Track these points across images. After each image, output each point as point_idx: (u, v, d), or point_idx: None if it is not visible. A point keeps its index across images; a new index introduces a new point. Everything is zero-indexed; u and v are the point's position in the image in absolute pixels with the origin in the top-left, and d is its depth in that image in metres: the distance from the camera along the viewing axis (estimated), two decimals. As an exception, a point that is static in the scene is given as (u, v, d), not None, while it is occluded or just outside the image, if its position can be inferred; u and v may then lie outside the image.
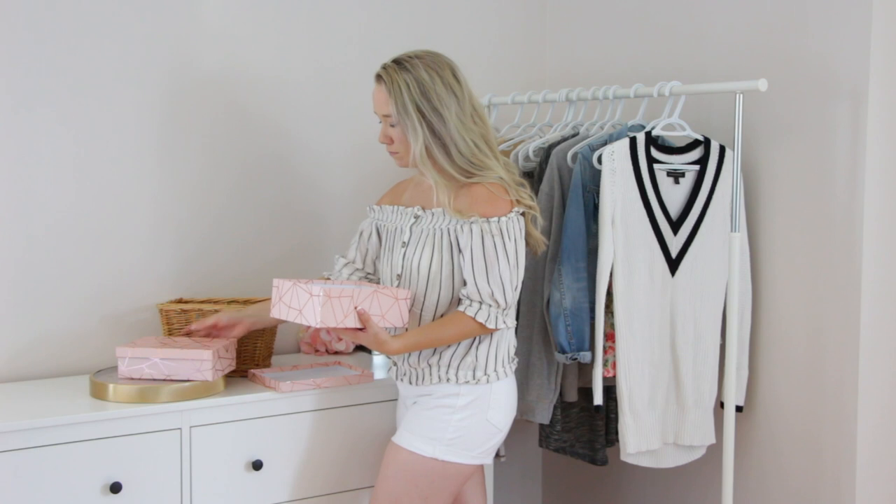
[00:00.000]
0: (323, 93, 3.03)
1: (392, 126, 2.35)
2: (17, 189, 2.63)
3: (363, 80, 3.07)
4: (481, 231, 2.28)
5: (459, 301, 2.34)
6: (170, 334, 2.67)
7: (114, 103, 2.74)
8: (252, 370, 2.63)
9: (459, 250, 2.32)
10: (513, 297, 2.32)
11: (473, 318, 2.29)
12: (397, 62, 2.34)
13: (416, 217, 2.41)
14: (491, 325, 2.30)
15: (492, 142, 2.38)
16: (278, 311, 2.30)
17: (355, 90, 3.04)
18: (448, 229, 2.33)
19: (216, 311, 2.65)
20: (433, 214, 2.38)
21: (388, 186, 3.11)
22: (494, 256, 2.28)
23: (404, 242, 2.40)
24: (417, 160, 2.33)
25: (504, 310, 2.31)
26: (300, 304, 2.24)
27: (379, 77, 2.36)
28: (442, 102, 2.30)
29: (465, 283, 2.32)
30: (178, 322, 2.66)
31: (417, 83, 2.30)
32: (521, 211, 2.33)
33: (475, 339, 2.35)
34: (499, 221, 2.28)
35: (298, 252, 3.00)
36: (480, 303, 2.30)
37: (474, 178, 2.31)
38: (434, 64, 2.33)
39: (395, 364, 2.47)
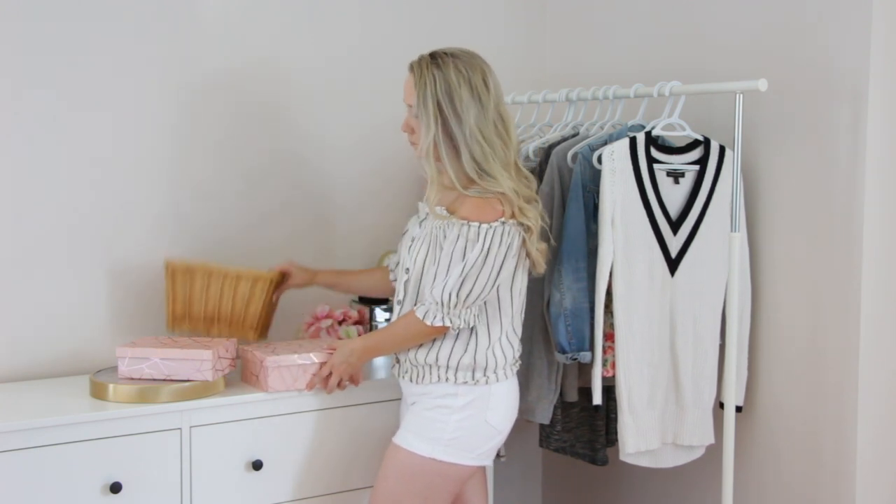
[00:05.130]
0: (328, 88, 3.04)
1: (415, 117, 2.35)
2: (16, 188, 2.63)
3: (367, 77, 3.09)
4: (458, 233, 2.28)
5: None
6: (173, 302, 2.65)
7: (112, 100, 2.73)
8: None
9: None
10: (458, 297, 2.28)
11: (414, 313, 2.32)
12: (432, 56, 2.33)
13: (426, 214, 2.42)
14: (429, 321, 2.30)
15: (510, 152, 2.35)
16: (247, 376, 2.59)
17: (360, 85, 3.06)
18: (439, 228, 2.33)
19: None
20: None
21: (394, 177, 3.13)
22: (460, 258, 2.28)
23: (413, 238, 2.43)
24: (422, 154, 2.33)
25: (446, 308, 2.29)
26: (257, 371, 2.50)
27: (411, 67, 2.36)
28: (463, 105, 2.28)
29: None
30: (183, 280, 2.63)
31: (444, 81, 2.29)
32: (514, 223, 2.31)
33: (472, 340, 2.35)
34: (479, 227, 2.28)
35: (305, 244, 3.00)
36: (430, 301, 2.32)
37: (473, 189, 2.30)
38: (467, 66, 2.31)
39: (398, 362, 2.47)
